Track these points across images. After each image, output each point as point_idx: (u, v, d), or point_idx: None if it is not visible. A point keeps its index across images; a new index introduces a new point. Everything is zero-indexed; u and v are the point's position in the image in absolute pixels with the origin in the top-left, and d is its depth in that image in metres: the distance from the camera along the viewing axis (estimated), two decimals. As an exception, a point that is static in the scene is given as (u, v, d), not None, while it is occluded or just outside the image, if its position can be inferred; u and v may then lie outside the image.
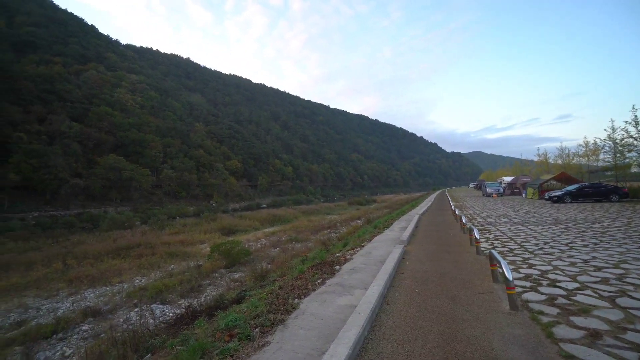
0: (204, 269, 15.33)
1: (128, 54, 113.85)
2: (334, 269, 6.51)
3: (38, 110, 51.42)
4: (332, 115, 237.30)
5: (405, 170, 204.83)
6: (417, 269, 6.61)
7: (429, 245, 9.29)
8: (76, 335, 9.25)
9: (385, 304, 4.68)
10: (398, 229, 12.71)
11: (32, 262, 17.33)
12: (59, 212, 41.71)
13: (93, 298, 12.32)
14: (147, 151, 60.87)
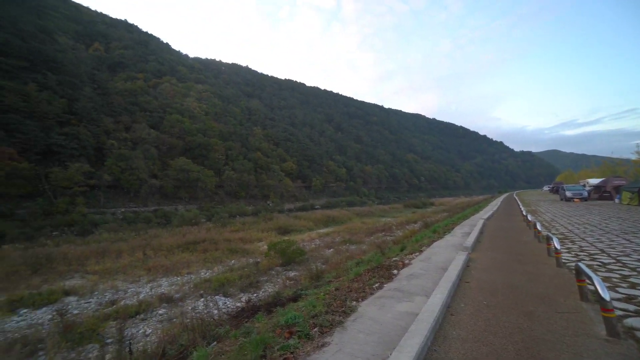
0: (261, 266, 16.07)
1: (195, 66, 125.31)
2: (392, 273, 6.29)
3: (125, 120, 59.27)
4: (387, 115, 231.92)
5: (466, 172, 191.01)
6: (485, 279, 6.04)
7: (497, 253, 8.47)
8: (154, 318, 10.36)
9: (449, 315, 4.35)
10: (460, 235, 11.85)
11: (120, 251, 19.93)
12: (140, 209, 47.46)
13: (166, 286, 13.68)
14: (211, 154, 66.13)
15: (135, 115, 62.46)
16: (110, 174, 46.09)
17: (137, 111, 63.66)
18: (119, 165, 46.72)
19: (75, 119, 50.39)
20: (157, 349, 4.24)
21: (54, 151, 44.09)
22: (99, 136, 51.10)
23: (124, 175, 46.89)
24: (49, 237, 27.84)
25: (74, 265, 17.23)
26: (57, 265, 16.98)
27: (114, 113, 59.60)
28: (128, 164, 47.28)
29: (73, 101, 52.03)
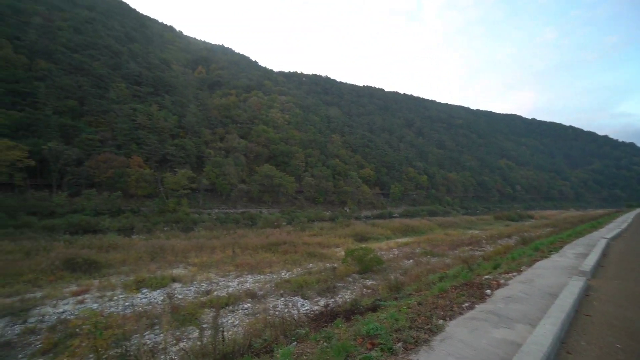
0: (338, 272, 16.14)
1: (279, 79, 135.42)
2: (484, 293, 5.55)
3: (220, 131, 67.46)
4: (474, 118, 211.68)
5: (578, 180, 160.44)
6: (615, 314, 4.85)
7: (631, 283, 6.75)
8: (240, 311, 11.27)
9: (564, 352, 3.59)
10: (573, 255, 9.89)
11: (214, 247, 22.46)
12: (230, 210, 53.00)
13: (251, 282, 14.80)
14: (292, 161, 70.15)
15: (228, 127, 70.48)
16: (207, 179, 52.82)
17: (229, 123, 71.79)
18: (215, 171, 53.21)
19: (183, 132, 59.42)
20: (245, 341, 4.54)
21: (167, 159, 52.69)
22: (200, 146, 59.19)
23: (219, 180, 53.16)
24: (162, 231, 33.16)
25: (179, 256, 20.09)
26: (167, 255, 20.05)
27: (212, 126, 68.36)
28: (222, 170, 53.49)
29: (182, 117, 61.56)
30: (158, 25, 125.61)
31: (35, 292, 12.56)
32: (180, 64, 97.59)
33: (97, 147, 45.86)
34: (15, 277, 14.23)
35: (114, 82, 59.33)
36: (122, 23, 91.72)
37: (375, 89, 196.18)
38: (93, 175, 42.65)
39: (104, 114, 51.77)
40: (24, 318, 9.83)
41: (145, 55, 76.67)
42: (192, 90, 77.09)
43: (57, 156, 40.77)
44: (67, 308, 10.85)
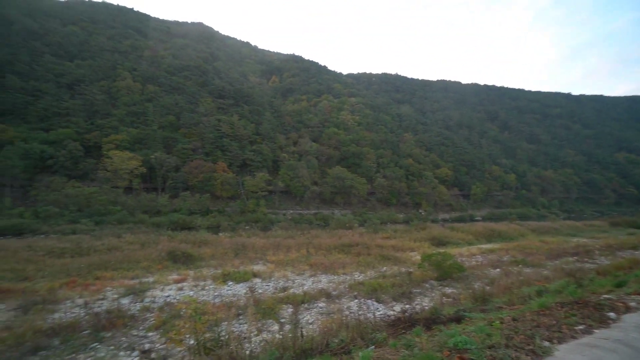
0: (414, 277, 15.33)
1: (348, 81, 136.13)
2: (606, 316, 4.55)
3: (293, 136, 70.92)
4: (577, 104, 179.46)
5: None
6: None
7: None
8: (315, 309, 11.51)
9: None
10: None
11: (290, 247, 23.55)
12: (304, 211, 55.10)
13: (325, 282, 15.03)
14: (363, 162, 69.65)
15: (300, 131, 73.60)
16: (282, 182, 55.96)
17: (301, 128, 74.94)
18: (289, 174, 56.07)
19: (260, 138, 64.14)
20: (322, 339, 4.57)
21: (247, 164, 57.52)
22: (275, 151, 63.10)
23: (292, 183, 55.86)
24: (243, 230, 36.25)
25: (259, 254, 21.63)
26: (249, 252, 21.78)
27: (286, 131, 72.28)
28: (295, 173, 56.08)
29: (258, 125, 66.56)
30: (237, 43, 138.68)
31: (148, 277, 14.91)
32: (257, 75, 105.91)
33: (190, 155, 52.70)
34: (135, 263, 17.15)
35: (202, 97, 67.48)
36: (209, 45, 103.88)
37: (450, 82, 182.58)
38: (188, 180, 49.09)
39: (195, 126, 59.20)
40: (141, 297, 11.75)
41: (227, 71, 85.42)
42: (267, 99, 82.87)
43: (161, 164, 48.07)
44: (170, 293, 12.58)
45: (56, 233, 30.00)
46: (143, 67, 70.43)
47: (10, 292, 11.92)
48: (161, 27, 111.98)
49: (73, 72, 60.24)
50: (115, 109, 56.08)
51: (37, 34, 67.47)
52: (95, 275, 14.78)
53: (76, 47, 69.14)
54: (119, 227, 32.39)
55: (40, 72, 57.08)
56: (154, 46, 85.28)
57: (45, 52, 62.78)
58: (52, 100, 52.11)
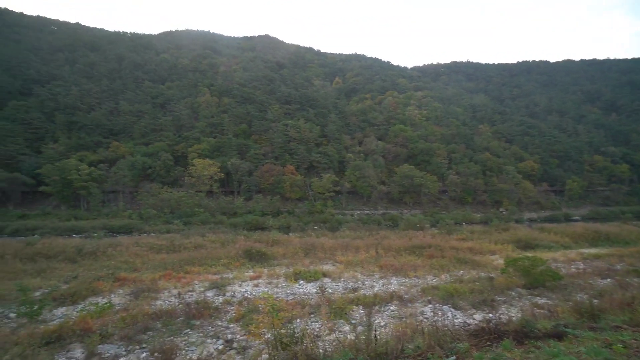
0: (496, 283, 13.83)
1: (414, 75, 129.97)
2: None
3: (358, 136, 70.48)
4: None
5: None
6: None
7: None
8: (386, 312, 11.17)
9: None
10: None
11: (358, 247, 23.40)
12: (371, 211, 54.23)
13: (396, 285, 14.50)
14: (433, 159, 65.65)
15: (366, 130, 72.76)
16: (349, 182, 56.00)
17: (366, 127, 74.03)
18: (355, 174, 55.86)
19: (326, 140, 65.30)
20: (397, 344, 4.37)
21: (314, 166, 59.09)
22: (341, 151, 63.53)
23: (359, 183, 55.49)
24: (312, 230, 37.26)
25: (328, 254, 21.96)
26: (318, 252, 22.27)
27: (350, 131, 72.27)
28: (361, 173, 55.61)
29: (324, 127, 67.83)
30: (300, 49, 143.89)
31: (228, 273, 16.33)
32: (320, 78, 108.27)
33: (261, 160, 56.40)
34: (217, 260, 18.96)
35: (270, 104, 71.67)
36: (274, 54, 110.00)
37: (535, 62, 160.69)
38: (259, 183, 52.60)
39: (265, 132, 63.14)
40: (223, 291, 12.92)
41: (292, 77, 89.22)
42: (332, 101, 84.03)
43: (236, 169, 52.47)
44: (247, 289, 13.56)
45: (155, 232, 35.08)
46: (219, 82, 78.03)
47: (126, 280, 14.27)
48: (233, 44, 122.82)
49: (164, 93, 69.87)
50: (197, 121, 63.29)
51: (139, 64, 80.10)
52: (186, 269, 16.77)
53: (166, 72, 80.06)
54: (202, 227, 36.34)
55: (142, 96, 67.60)
56: (228, 62, 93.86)
57: (144, 78, 74.15)
58: (149, 119, 61.28)
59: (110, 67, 76.01)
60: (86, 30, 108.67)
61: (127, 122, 60.13)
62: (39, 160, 47.80)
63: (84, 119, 58.27)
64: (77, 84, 66.83)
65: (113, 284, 13.80)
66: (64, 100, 61.22)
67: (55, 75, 69.42)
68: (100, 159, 51.19)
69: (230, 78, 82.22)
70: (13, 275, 15.86)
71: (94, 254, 20.57)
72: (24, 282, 12.95)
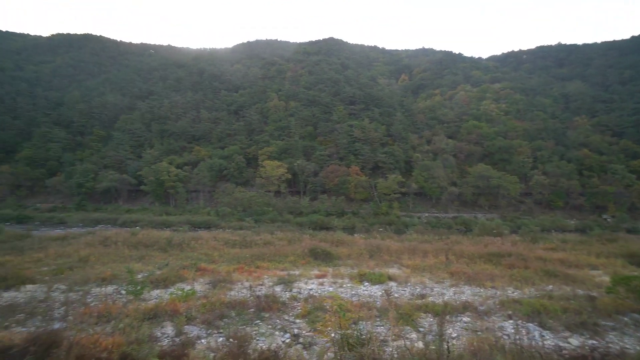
0: (600, 304, 11.65)
1: (490, 65, 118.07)
2: None
3: (426, 134, 66.90)
4: None
5: None
6: None
7: None
8: (458, 323, 10.30)
9: None
10: None
11: (426, 252, 22.13)
12: (441, 214, 50.88)
13: (469, 294, 13.28)
14: (514, 157, 58.79)
15: (434, 128, 68.70)
16: (416, 183, 53.47)
17: (435, 125, 69.84)
18: (423, 175, 53.09)
19: (391, 139, 63.49)
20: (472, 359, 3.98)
21: (379, 166, 57.92)
22: (407, 151, 61.07)
23: (427, 184, 52.59)
24: (377, 232, 36.54)
25: (394, 257, 21.23)
26: (383, 255, 21.70)
27: (418, 130, 69.01)
28: (430, 174, 52.63)
29: (389, 126, 66.04)
30: (365, 48, 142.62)
31: (294, 270, 16.96)
32: (385, 77, 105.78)
33: (326, 161, 57.39)
34: (284, 257, 19.87)
35: (335, 106, 72.49)
36: (339, 56, 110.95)
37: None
38: (325, 183, 53.58)
39: (330, 133, 64.09)
40: (290, 288, 13.44)
41: (356, 77, 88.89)
42: (397, 99, 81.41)
43: (302, 170, 54.34)
44: (313, 287, 13.86)
45: (229, 228, 38.32)
46: (286, 87, 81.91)
47: (206, 271, 15.87)
48: (299, 49, 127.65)
49: (237, 100, 76.05)
50: (266, 125, 67.41)
51: (217, 76, 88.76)
52: (256, 264, 17.91)
53: (239, 80, 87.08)
54: (271, 225, 38.48)
55: (218, 104, 74.72)
56: (294, 67, 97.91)
57: (221, 88, 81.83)
58: (225, 125, 67.36)
59: (193, 80, 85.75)
60: (176, 50, 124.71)
61: (207, 129, 67.10)
62: (140, 164, 56.40)
63: (172, 127, 66.89)
64: (168, 97, 77.00)
65: (195, 273, 15.47)
66: (158, 112, 71.18)
67: (152, 91, 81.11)
68: (185, 161, 58.06)
69: (296, 82, 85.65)
70: (122, 259, 18.94)
71: (180, 246, 23.40)
72: (131, 265, 15.39)
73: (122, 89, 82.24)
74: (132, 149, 62.22)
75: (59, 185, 55.34)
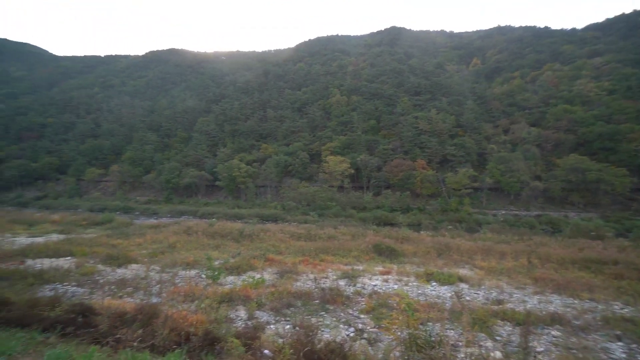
0: None
1: (587, 36, 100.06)
2: None
3: (503, 123, 60.15)
4: None
5: None
6: None
7: None
8: (545, 336, 9.09)
9: None
10: None
11: (503, 253, 20.01)
12: (521, 212, 45.42)
13: (559, 305, 11.62)
14: (621, 145, 49.24)
15: (513, 116, 61.39)
16: (491, 177, 48.59)
17: (514, 112, 62.34)
18: (499, 168, 47.95)
19: (462, 130, 58.72)
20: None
21: (448, 160, 54.13)
22: (480, 142, 55.80)
23: (504, 178, 47.36)
24: (446, 229, 34.27)
25: (465, 257, 19.68)
26: (453, 254, 20.26)
27: (493, 118, 62.49)
28: (507, 167, 47.28)
29: (459, 116, 61.12)
30: (430, 35, 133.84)
31: (358, 265, 16.89)
32: (454, 62, 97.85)
33: (390, 155, 55.73)
34: (347, 252, 19.94)
35: (399, 98, 69.75)
36: (402, 45, 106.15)
37: None
38: (388, 178, 52.13)
39: (394, 126, 61.98)
40: (354, 282, 13.43)
41: (421, 66, 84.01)
42: (468, 86, 74.75)
43: (365, 165, 53.68)
44: (377, 283, 13.62)
45: (295, 221, 39.89)
46: (347, 81, 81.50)
47: (273, 261, 16.80)
48: (359, 42, 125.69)
49: (301, 98, 78.29)
50: (329, 121, 68.11)
51: (281, 75, 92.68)
52: (320, 257, 18.30)
53: (302, 78, 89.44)
54: (334, 219, 38.93)
55: (283, 102, 77.98)
56: (355, 61, 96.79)
57: (285, 87, 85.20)
58: (289, 122, 70.03)
59: (259, 81, 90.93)
60: (243, 54, 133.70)
61: (273, 127, 70.68)
62: (215, 161, 62.12)
63: (242, 127, 72.04)
64: (238, 99, 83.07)
65: (264, 262, 16.48)
66: (229, 113, 77.37)
67: (224, 94, 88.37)
68: (254, 158, 62.07)
69: (358, 76, 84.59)
70: (202, 247, 21.19)
71: (251, 237, 25.18)
72: (209, 253, 17.13)
73: (200, 95, 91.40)
74: (209, 148, 68.97)
75: (152, 181, 64.25)
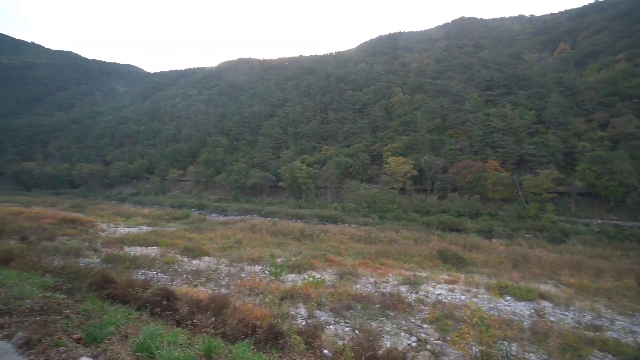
0: None
1: None
2: None
3: (600, 116, 51.27)
4: None
5: None
6: None
7: None
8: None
9: None
10: None
11: (600, 270, 17.10)
12: (625, 222, 38.28)
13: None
14: None
15: (614, 107, 52.03)
16: (582, 180, 41.92)
17: (616, 102, 52.74)
18: (593, 169, 41.09)
19: (543, 127, 51.91)
20: None
21: (525, 160, 48.30)
22: (568, 140, 48.56)
23: (601, 181, 40.41)
24: (523, 238, 30.57)
25: (547, 271, 17.29)
26: (532, 267, 17.97)
27: (585, 112, 53.92)
28: (605, 168, 40.22)
29: (540, 111, 54.10)
30: (504, 22, 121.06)
31: (421, 272, 16.03)
32: (534, 50, 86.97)
33: (457, 156, 51.84)
34: (410, 257, 19.09)
35: (467, 94, 64.54)
36: (471, 36, 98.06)
37: None
38: (455, 181, 48.51)
39: (461, 125, 57.56)
40: (416, 289, 12.77)
41: (494, 57, 76.45)
42: (552, 76, 65.59)
43: (429, 166, 50.79)
44: (442, 292, 12.74)
45: (355, 223, 39.60)
46: (410, 79, 78.18)
47: (333, 262, 16.89)
48: (424, 38, 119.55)
49: (362, 99, 77.52)
50: (390, 122, 66.17)
51: (342, 77, 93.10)
52: (381, 261, 17.83)
53: (363, 79, 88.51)
54: (395, 222, 37.62)
55: (344, 104, 78.16)
56: (419, 57, 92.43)
57: (346, 89, 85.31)
58: (350, 124, 69.87)
59: (321, 84, 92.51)
60: (306, 58, 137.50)
61: (334, 129, 71.31)
62: (278, 163, 65.05)
63: (304, 129, 74.11)
64: (300, 102, 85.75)
65: (324, 263, 16.65)
66: (292, 117, 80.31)
67: (287, 99, 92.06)
68: (315, 160, 63.35)
69: (422, 73, 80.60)
70: (265, 244, 22.34)
71: (311, 237, 25.72)
72: (272, 250, 17.97)
73: (265, 100, 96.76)
74: (273, 150, 72.60)
75: (222, 181, 70.02)
